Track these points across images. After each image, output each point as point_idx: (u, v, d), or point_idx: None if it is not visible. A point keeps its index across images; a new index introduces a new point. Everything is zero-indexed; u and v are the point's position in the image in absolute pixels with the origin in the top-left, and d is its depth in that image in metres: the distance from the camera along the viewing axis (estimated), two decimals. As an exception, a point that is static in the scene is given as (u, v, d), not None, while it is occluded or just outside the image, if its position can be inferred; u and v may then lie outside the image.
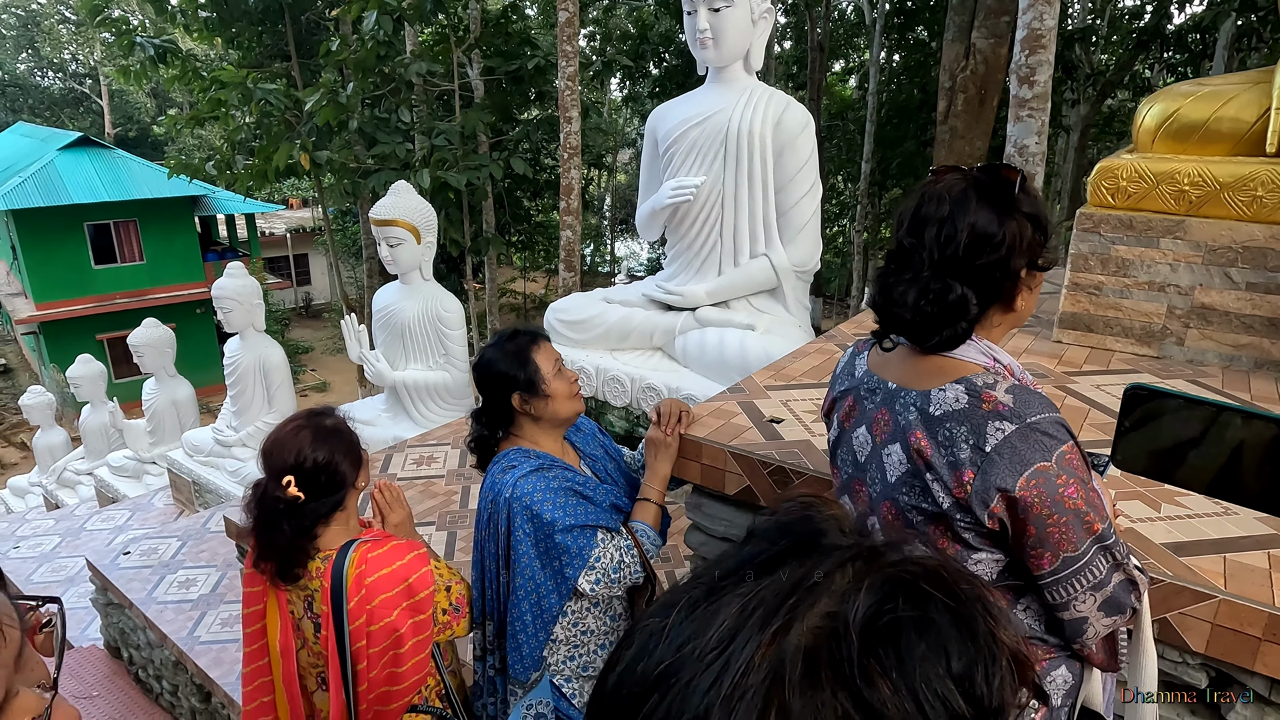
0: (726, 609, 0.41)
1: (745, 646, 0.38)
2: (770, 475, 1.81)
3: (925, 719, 0.37)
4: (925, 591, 0.40)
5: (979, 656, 0.39)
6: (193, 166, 10.21)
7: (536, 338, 1.89)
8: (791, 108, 3.93)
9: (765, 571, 0.43)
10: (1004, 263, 1.13)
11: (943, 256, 1.16)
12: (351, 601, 1.70)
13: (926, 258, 1.17)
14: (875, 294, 1.25)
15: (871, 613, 0.39)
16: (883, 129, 14.44)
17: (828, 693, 0.37)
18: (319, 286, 25.87)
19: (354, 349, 5.84)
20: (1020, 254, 1.14)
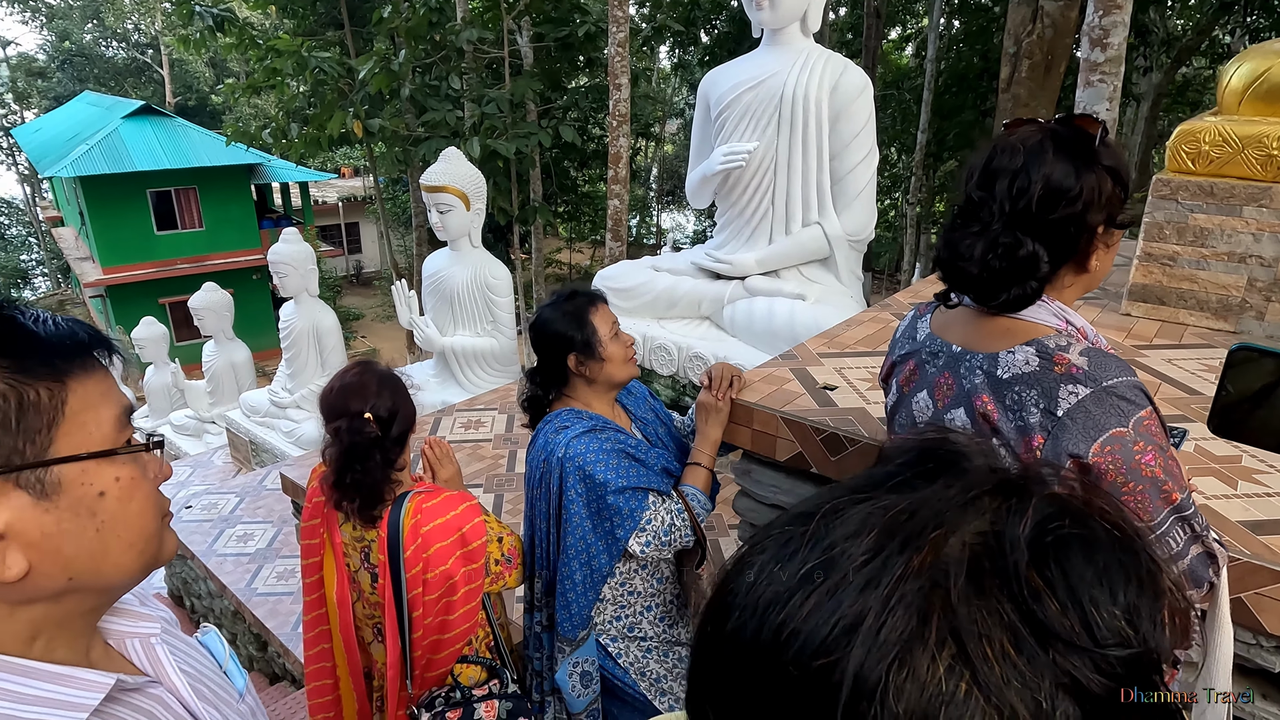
0: (874, 519, 0.40)
1: (902, 552, 0.38)
2: (823, 442, 1.78)
3: (1093, 641, 0.35)
4: (1091, 517, 0.39)
5: (1144, 592, 0.38)
6: (249, 134, 10.41)
7: (595, 299, 1.88)
8: (849, 71, 3.81)
9: (909, 488, 0.42)
10: (1080, 218, 1.08)
11: (1014, 210, 1.10)
12: (408, 550, 1.74)
13: (997, 210, 1.12)
14: (941, 248, 1.21)
15: (1037, 529, 0.38)
16: (940, 98, 13.97)
17: (993, 601, 0.36)
18: (369, 254, 26.33)
19: (404, 314, 5.94)
20: (1098, 209, 1.08)
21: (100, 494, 0.65)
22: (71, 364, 0.64)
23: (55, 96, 30.24)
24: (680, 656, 1.95)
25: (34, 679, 0.63)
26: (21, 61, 31.32)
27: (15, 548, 0.61)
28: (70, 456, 0.63)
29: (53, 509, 0.62)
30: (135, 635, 0.77)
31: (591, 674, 1.91)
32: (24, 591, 0.63)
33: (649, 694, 1.90)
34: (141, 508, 0.69)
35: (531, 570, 1.96)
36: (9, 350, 0.61)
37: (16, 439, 0.61)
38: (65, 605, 0.66)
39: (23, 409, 0.61)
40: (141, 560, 0.70)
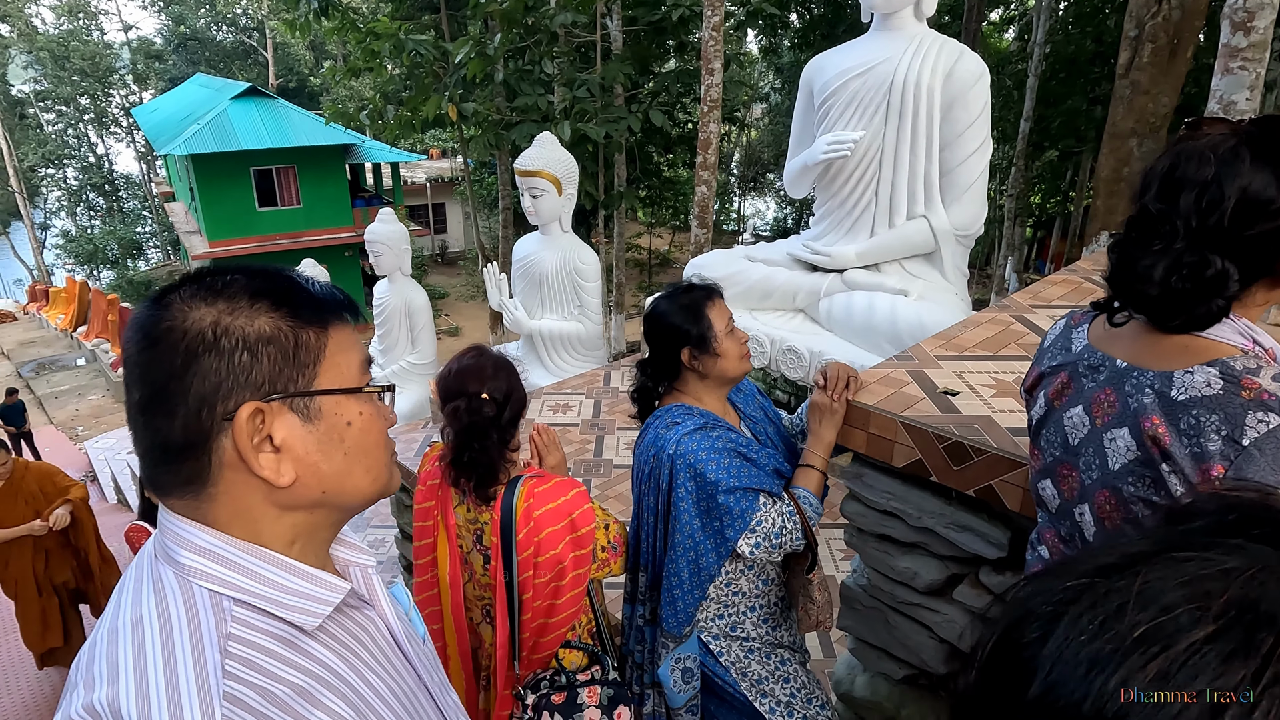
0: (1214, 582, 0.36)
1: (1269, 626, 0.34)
2: (945, 450, 1.71)
3: None
4: None
5: None
6: (347, 114, 10.75)
7: (712, 293, 1.85)
8: (965, 58, 3.64)
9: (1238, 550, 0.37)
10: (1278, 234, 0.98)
11: (1202, 226, 1.01)
12: (520, 533, 1.76)
13: (1181, 226, 1.03)
14: (1114, 266, 1.12)
15: None
16: (1046, 84, 13.25)
17: None
18: (454, 235, 26.97)
19: (494, 296, 6.04)
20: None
21: (348, 424, 0.78)
22: (330, 316, 0.78)
23: (170, 78, 32.05)
24: (782, 659, 1.92)
25: (293, 575, 0.75)
26: (141, 45, 33.27)
27: (287, 460, 0.74)
28: (328, 389, 0.76)
29: (314, 431, 0.75)
30: (356, 564, 0.89)
31: (693, 670, 1.90)
32: (290, 498, 0.75)
33: (749, 694, 1.88)
34: (377, 440, 0.81)
35: (635, 563, 1.96)
36: (289, 302, 0.75)
37: (292, 370, 0.74)
38: (316, 517, 0.79)
39: (298, 347, 0.75)
40: (375, 486, 0.82)
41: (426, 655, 0.93)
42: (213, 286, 0.74)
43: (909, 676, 2.06)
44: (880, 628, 2.06)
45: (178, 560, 0.72)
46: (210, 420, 0.71)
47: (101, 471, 10.40)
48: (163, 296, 0.74)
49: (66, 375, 18.37)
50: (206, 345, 0.70)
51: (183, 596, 0.70)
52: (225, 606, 0.70)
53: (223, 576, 0.71)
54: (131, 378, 0.73)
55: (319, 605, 0.75)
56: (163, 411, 0.71)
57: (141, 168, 32.74)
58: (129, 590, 0.73)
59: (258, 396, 0.72)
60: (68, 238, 29.31)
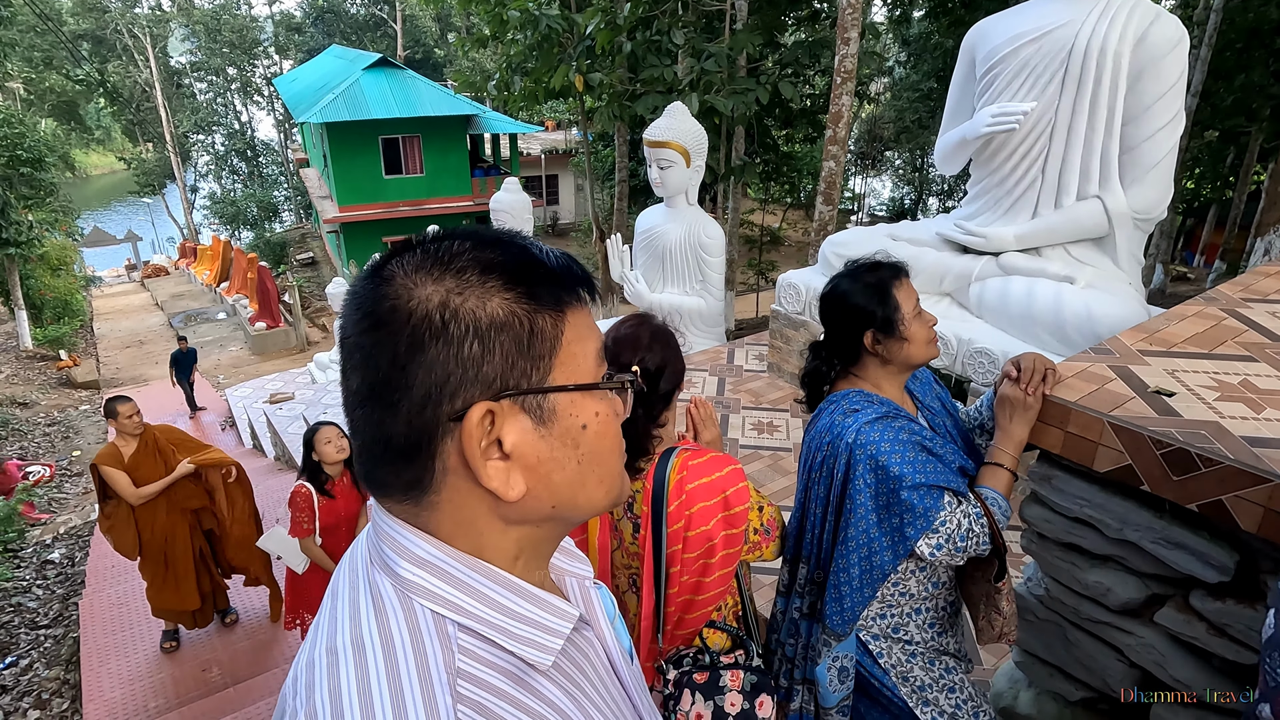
0: None
1: None
2: (1164, 457, 1.52)
3: None
4: None
5: None
6: (474, 84, 10.96)
7: (899, 272, 1.72)
8: (1161, 20, 3.27)
9: None
10: None
11: None
12: (672, 505, 1.70)
13: None
14: None
15: None
16: (1219, 56, 11.99)
17: None
18: (565, 206, 27.34)
19: (616, 267, 6.02)
20: None
21: (583, 426, 0.67)
22: (567, 296, 0.66)
23: (309, 49, 33.81)
24: (948, 666, 1.79)
25: (522, 597, 0.66)
26: (283, 18, 35.21)
27: (518, 469, 0.64)
28: (564, 386, 0.65)
29: (548, 435, 0.65)
30: (573, 575, 0.80)
31: (849, 670, 1.80)
32: (518, 511, 0.66)
33: (909, 700, 1.76)
34: (613, 444, 0.70)
35: (796, 554, 1.87)
36: (523, 279, 0.63)
37: (526, 362, 0.63)
38: (543, 530, 0.69)
39: (533, 335, 0.63)
40: (609, 496, 0.71)
41: (636, 676, 0.84)
42: (439, 257, 0.63)
43: (1087, 700, 1.88)
44: (1056, 643, 1.89)
45: (397, 572, 0.64)
46: (435, 419, 0.61)
47: (240, 418, 11.19)
48: (383, 267, 0.64)
49: (211, 327, 19.88)
50: (434, 331, 0.60)
51: (405, 618, 0.62)
52: (451, 634, 0.62)
53: (447, 596, 0.63)
54: (351, 363, 0.64)
55: (551, 638, 0.66)
56: (385, 404, 0.61)
57: (279, 135, 34.81)
58: (344, 599, 0.65)
59: (488, 394, 0.61)
60: (213, 199, 31.62)
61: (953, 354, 3.61)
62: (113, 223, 33.66)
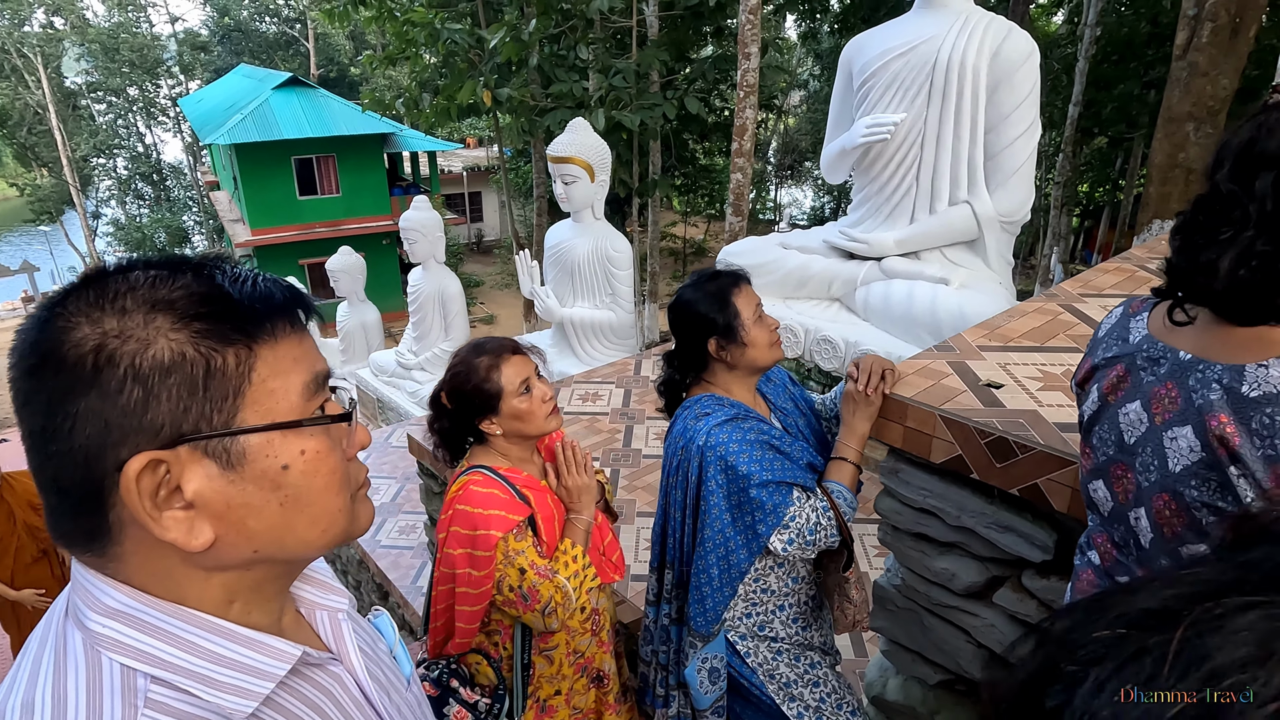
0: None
1: None
2: (988, 446, 1.62)
3: None
4: None
5: None
6: (383, 103, 10.81)
7: (739, 280, 1.78)
8: (1014, 35, 3.48)
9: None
10: None
11: (1277, 210, 0.91)
12: (442, 516, 1.73)
13: (1255, 211, 0.93)
14: (1175, 253, 1.02)
15: None
16: (1097, 67, 12.79)
17: None
18: (490, 223, 27.11)
19: (526, 284, 6.02)
20: None
21: (284, 467, 0.62)
22: (262, 328, 0.62)
23: (216, 69, 32.67)
24: (812, 662, 1.85)
25: (229, 640, 0.63)
26: (187, 37, 33.94)
27: (203, 517, 0.60)
28: (254, 427, 0.61)
29: (238, 480, 0.61)
30: (324, 608, 0.77)
31: (720, 670, 1.84)
32: (213, 559, 0.62)
33: (776, 698, 1.81)
34: (326, 483, 0.66)
35: (660, 561, 1.90)
36: (203, 312, 0.59)
37: (204, 406, 0.59)
38: (256, 573, 0.66)
39: (210, 375, 0.59)
40: (326, 536, 0.67)
41: (409, 702, 0.80)
42: (109, 294, 0.58)
43: (945, 681, 1.97)
44: (915, 630, 1.97)
45: (86, 625, 0.59)
46: (102, 471, 0.57)
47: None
48: (53, 304, 0.59)
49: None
50: (85, 381, 0.55)
51: (87, 675, 0.57)
52: (139, 687, 0.57)
53: (140, 646, 0.59)
54: (15, 405, 0.59)
55: (261, 681, 0.62)
56: (48, 453, 0.57)
57: (188, 157, 33.48)
58: (30, 655, 0.60)
59: (157, 443, 0.57)
60: (118, 226, 30.13)
61: (841, 356, 3.74)
62: (6, 253, 31.71)
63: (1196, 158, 7.59)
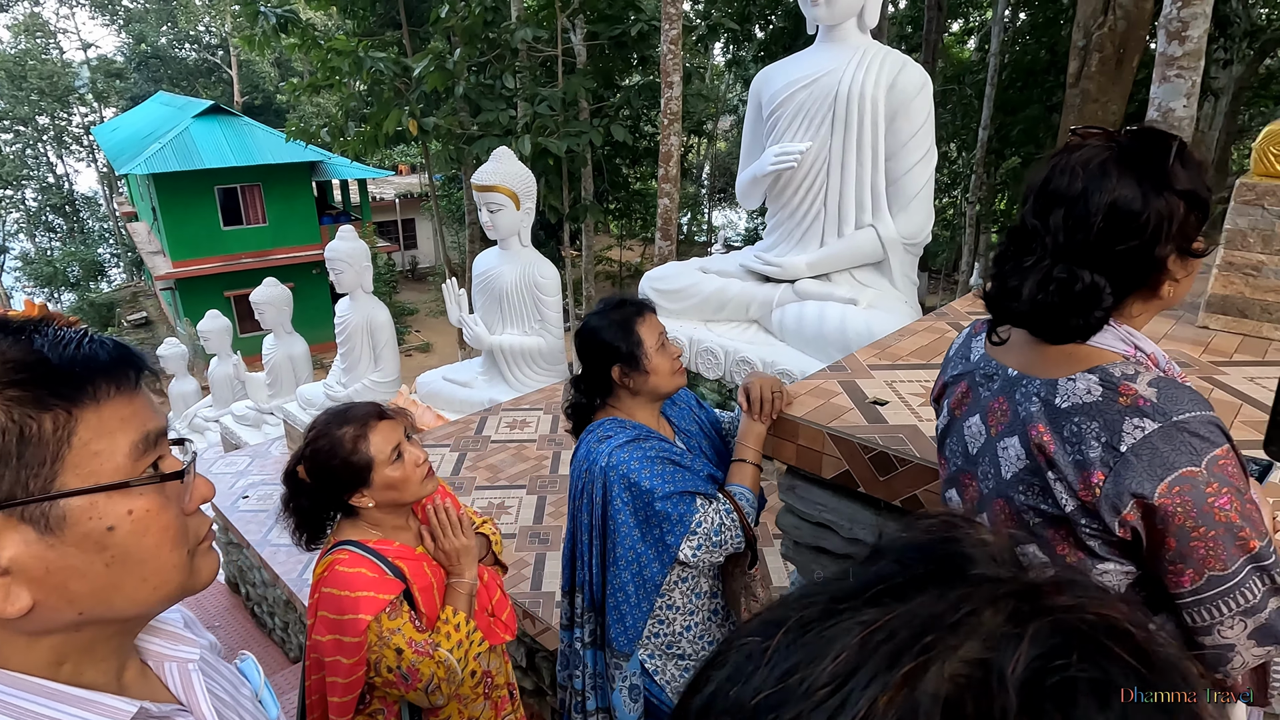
0: (845, 638, 0.33)
1: (868, 687, 0.31)
2: (871, 460, 1.71)
3: None
4: (1107, 649, 0.31)
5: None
6: (308, 132, 10.66)
7: (642, 309, 1.84)
8: (908, 68, 3.69)
9: (895, 598, 0.35)
10: (1147, 249, 0.99)
11: (1070, 241, 1.02)
12: (310, 599, 1.63)
13: (1050, 242, 1.04)
14: (990, 280, 1.13)
15: (1036, 666, 0.31)
16: (1004, 93, 13.51)
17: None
18: (424, 250, 26.82)
19: (454, 312, 6.00)
20: (1168, 239, 0.99)
21: (110, 528, 0.62)
22: (83, 391, 0.62)
23: (132, 97, 31.60)
24: (720, 676, 1.90)
25: (58, 702, 0.62)
26: (101, 63, 32.77)
27: (19, 583, 0.59)
28: (74, 491, 0.60)
29: (58, 544, 0.60)
30: (174, 659, 0.76)
31: (639, 688, 1.87)
32: (35, 624, 0.61)
33: (686, 714, 1.85)
34: (158, 541, 0.65)
35: (571, 585, 1.94)
36: (17, 379, 0.59)
37: (19, 472, 0.59)
38: (86, 634, 0.65)
39: (24, 441, 0.59)
40: (159, 594, 0.67)
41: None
42: None
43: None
44: (819, 639, 2.05)
45: None
46: None
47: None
48: None
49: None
50: None
51: None
52: None
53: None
54: None
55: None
56: None
57: (103, 188, 32.21)
58: None
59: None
60: (26, 260, 28.73)
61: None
62: (-98, 291, 29.80)
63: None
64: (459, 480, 3.92)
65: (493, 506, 3.67)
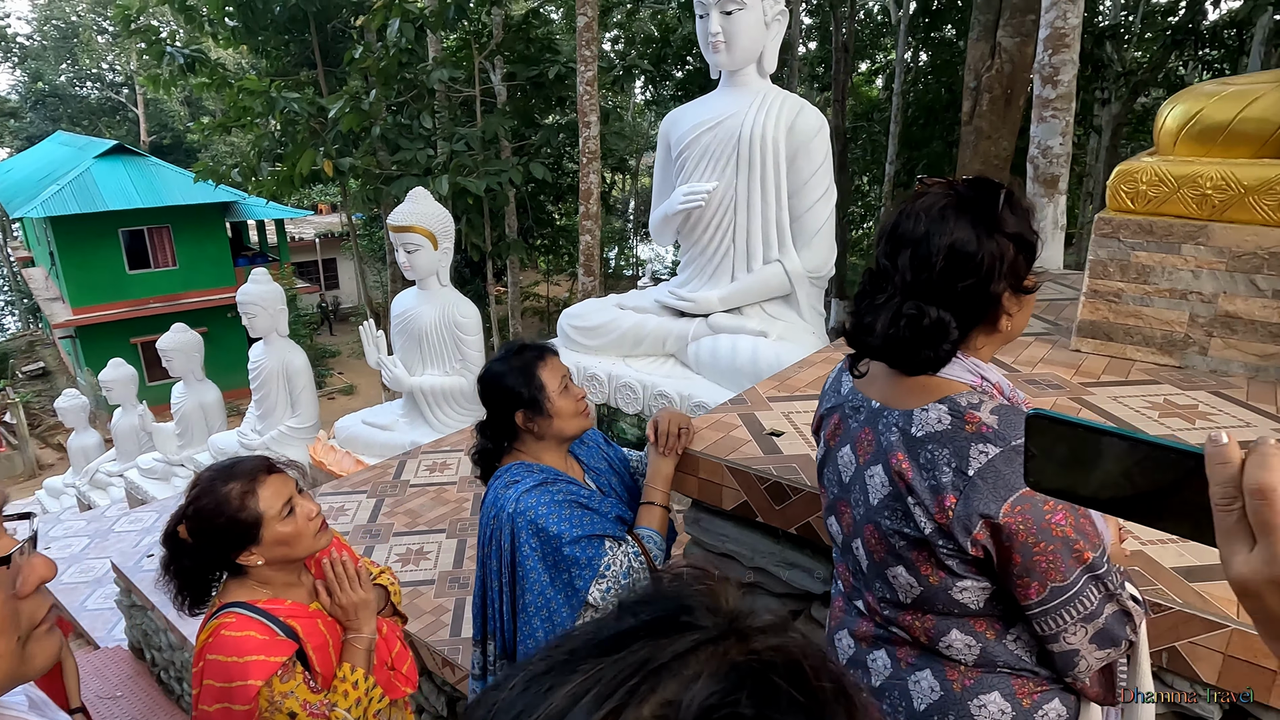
0: (563, 686, 0.37)
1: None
2: (767, 490, 1.78)
3: None
4: (775, 685, 0.35)
5: None
6: (218, 172, 10.38)
7: (544, 353, 1.86)
8: (805, 111, 3.87)
9: (617, 648, 0.38)
10: (983, 286, 1.08)
11: (916, 280, 1.11)
12: (194, 667, 1.57)
13: (899, 281, 1.12)
14: (849, 316, 1.21)
15: (710, 704, 0.34)
16: (909, 129, 14.26)
17: None
18: (347, 291, 26.23)
19: (372, 354, 5.89)
20: (1000, 277, 1.09)
21: None
22: None
23: (27, 137, 30.11)
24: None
25: None
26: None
27: None
28: None
29: None
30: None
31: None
32: None
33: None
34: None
35: (483, 633, 1.92)
36: None
37: None
38: None
39: None
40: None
41: None
42: None
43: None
44: (730, 669, 2.08)
45: None
46: None
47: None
48: None
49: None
50: None
51: None
52: None
53: None
54: None
55: None
56: None
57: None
58: None
59: None
60: (-91, 310, 26.76)
61: (677, 408, 3.91)
62: None
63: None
64: (375, 528, 3.83)
65: (410, 553, 3.59)
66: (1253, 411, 2.12)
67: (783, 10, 3.87)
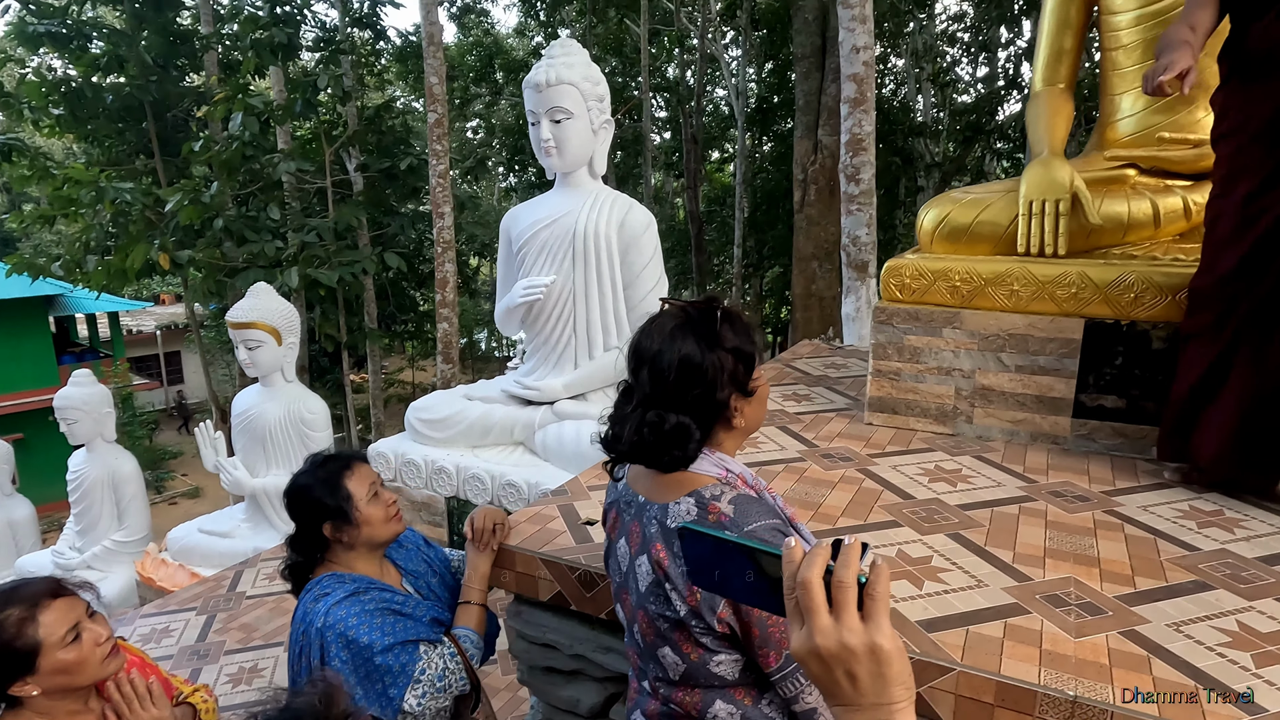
0: None
1: None
2: (578, 579, 1.87)
3: None
4: None
5: None
6: (36, 266, 9.64)
7: (350, 462, 1.89)
8: (634, 210, 4.17)
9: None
10: (710, 393, 1.26)
11: (655, 390, 1.27)
12: None
13: (641, 393, 1.29)
14: (607, 425, 1.35)
15: None
16: (755, 213, 15.34)
17: None
18: (192, 385, 24.49)
19: (209, 457, 5.59)
20: (724, 386, 1.27)
21: None
22: None
23: None
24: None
25: None
26: None
27: None
28: None
29: None
30: None
31: None
32: None
33: None
34: None
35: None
36: None
37: None
38: None
39: None
40: None
41: None
42: None
43: (591, 804, 2.12)
44: (560, 760, 2.12)
45: None
46: None
47: None
48: None
49: None
50: None
51: None
52: None
53: None
54: None
55: None
56: None
57: None
58: None
59: None
60: None
61: (525, 497, 3.97)
62: None
63: (824, 288, 9.39)
64: (204, 647, 3.58)
65: (243, 671, 3.38)
66: (1005, 472, 2.45)
67: (609, 120, 4.20)
